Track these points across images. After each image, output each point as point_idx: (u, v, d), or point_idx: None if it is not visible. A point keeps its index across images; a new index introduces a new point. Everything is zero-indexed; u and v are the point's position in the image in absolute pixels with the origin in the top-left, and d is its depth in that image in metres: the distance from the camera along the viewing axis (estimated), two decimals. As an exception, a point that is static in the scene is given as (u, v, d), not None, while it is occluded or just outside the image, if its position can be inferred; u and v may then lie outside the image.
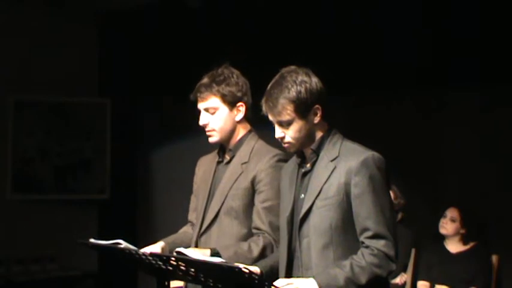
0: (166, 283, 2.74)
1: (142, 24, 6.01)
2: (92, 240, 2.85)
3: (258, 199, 2.95)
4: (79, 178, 6.20)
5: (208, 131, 3.05)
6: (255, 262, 2.79)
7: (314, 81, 2.63)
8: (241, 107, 3.03)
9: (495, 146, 4.96)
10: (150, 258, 2.61)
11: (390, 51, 5.03)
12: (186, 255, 2.54)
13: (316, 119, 2.63)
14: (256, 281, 2.35)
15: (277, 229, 2.86)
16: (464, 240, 4.73)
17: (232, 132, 3.05)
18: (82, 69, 6.20)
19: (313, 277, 2.49)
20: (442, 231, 4.74)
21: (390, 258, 2.51)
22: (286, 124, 2.61)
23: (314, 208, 2.59)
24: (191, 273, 2.55)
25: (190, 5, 5.49)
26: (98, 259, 5.99)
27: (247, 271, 2.27)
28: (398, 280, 4.71)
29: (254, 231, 2.95)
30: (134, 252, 2.70)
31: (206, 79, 3.03)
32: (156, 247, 2.94)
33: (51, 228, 6.00)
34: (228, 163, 3.06)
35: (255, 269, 2.65)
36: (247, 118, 3.07)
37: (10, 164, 5.96)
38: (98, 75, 6.32)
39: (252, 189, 2.96)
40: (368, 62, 5.11)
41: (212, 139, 3.06)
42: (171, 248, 3.00)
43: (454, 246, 4.73)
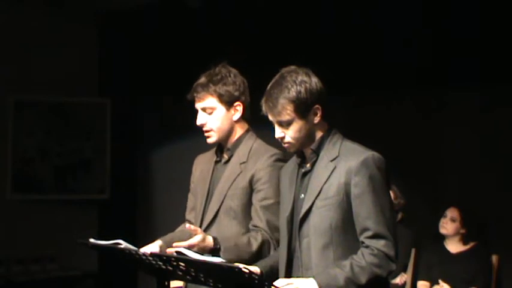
0: (166, 283, 2.74)
1: (142, 24, 6.01)
2: (92, 240, 2.85)
3: (256, 198, 2.95)
4: (79, 178, 6.20)
5: (205, 131, 3.04)
6: (253, 256, 2.79)
7: (314, 81, 2.63)
8: (238, 107, 3.02)
9: (495, 146, 4.96)
10: (150, 258, 2.61)
11: (390, 51, 5.03)
12: (186, 255, 2.54)
13: (316, 119, 2.63)
14: (256, 281, 2.35)
15: (274, 228, 2.87)
16: (464, 240, 4.73)
17: (230, 131, 3.04)
18: (82, 69, 6.20)
19: (313, 277, 2.49)
20: (442, 231, 4.74)
21: (390, 258, 2.51)
22: (286, 124, 2.61)
23: (314, 208, 2.59)
24: (191, 273, 2.55)
25: (190, 5, 5.49)
26: (98, 259, 5.99)
27: (247, 271, 2.27)
28: (398, 280, 4.71)
29: (252, 228, 2.95)
30: (134, 252, 2.70)
31: (203, 79, 3.02)
32: (155, 246, 2.94)
33: (51, 228, 6.00)
34: (226, 163, 3.06)
35: (255, 269, 2.65)
36: (245, 117, 3.07)
37: (10, 164, 5.96)
38: (98, 75, 6.32)
39: (250, 188, 2.96)
40: (368, 62, 5.11)
41: (210, 139, 3.05)
42: (169, 246, 3.00)
43: (454, 246, 4.74)
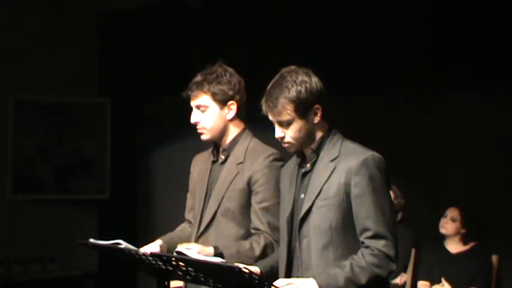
0: (166, 283, 2.74)
1: (142, 24, 6.01)
2: (92, 240, 2.85)
3: (255, 200, 2.95)
4: (79, 178, 6.19)
5: (199, 129, 3.05)
6: (257, 261, 2.79)
7: (314, 81, 2.63)
8: (232, 106, 3.02)
9: (495, 146, 4.96)
10: (150, 258, 2.61)
11: (390, 51, 5.04)
12: (186, 255, 2.54)
13: (316, 119, 2.63)
14: (256, 281, 2.35)
15: (275, 229, 2.87)
16: (464, 240, 4.73)
17: (223, 130, 3.04)
18: (82, 69, 6.20)
19: (313, 277, 2.48)
20: (443, 231, 4.74)
21: (390, 258, 2.51)
22: (286, 124, 2.61)
23: (314, 208, 2.59)
24: (191, 273, 2.54)
25: (190, 5, 5.49)
26: (98, 259, 5.98)
27: (247, 271, 2.27)
28: (398, 280, 4.71)
29: (253, 231, 2.95)
30: (134, 252, 2.70)
31: (199, 77, 3.03)
32: (155, 246, 2.94)
33: (51, 228, 5.99)
34: (223, 163, 3.06)
35: (255, 269, 2.65)
36: (240, 116, 3.07)
37: (10, 164, 5.96)
38: (98, 75, 6.31)
39: (248, 189, 2.96)
40: (368, 62, 5.11)
41: (203, 137, 3.06)
42: (170, 246, 3.01)
43: (454, 246, 4.73)
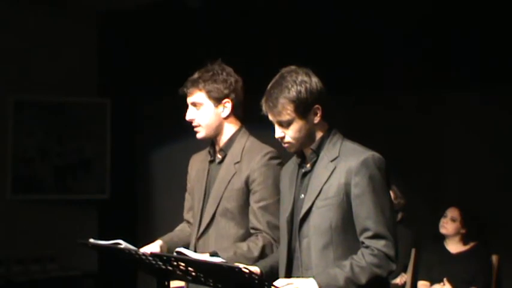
0: (166, 283, 2.74)
1: (142, 24, 6.01)
2: (92, 240, 2.85)
3: (253, 199, 2.95)
4: (79, 178, 6.20)
5: (194, 126, 3.06)
6: (256, 262, 2.79)
7: (314, 81, 2.63)
8: (227, 104, 3.02)
9: (495, 146, 4.96)
10: (150, 258, 2.61)
11: (390, 51, 5.03)
12: (186, 255, 2.54)
13: (316, 119, 2.63)
14: (256, 281, 2.35)
15: (274, 228, 2.87)
16: (464, 240, 4.73)
17: (218, 128, 3.05)
18: (82, 69, 6.20)
19: (313, 277, 2.48)
20: (443, 231, 4.74)
21: (390, 258, 2.51)
22: (286, 124, 2.61)
23: (314, 208, 2.59)
24: (191, 273, 2.54)
25: (190, 5, 5.49)
26: (98, 259, 5.99)
27: (247, 271, 2.27)
28: (398, 280, 4.71)
29: (252, 231, 2.95)
30: (134, 252, 2.70)
31: (195, 74, 3.05)
32: (155, 246, 2.95)
33: (51, 228, 6.00)
34: (221, 163, 3.06)
35: (255, 269, 2.65)
36: (237, 115, 3.07)
37: (10, 164, 5.96)
38: (98, 75, 6.32)
39: (247, 189, 2.96)
40: (368, 62, 5.11)
41: (199, 134, 3.06)
42: (169, 246, 3.01)
43: (454, 246, 4.73)
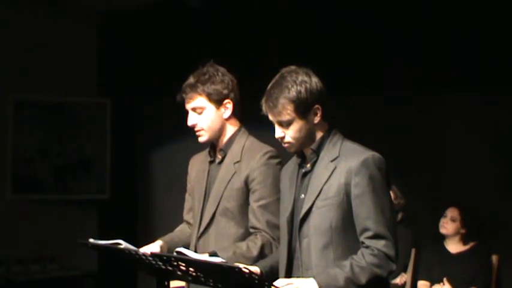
0: (166, 283, 2.74)
1: (142, 24, 6.01)
2: (92, 240, 2.85)
3: (253, 198, 2.95)
4: (79, 178, 6.20)
5: (197, 131, 3.05)
6: (255, 261, 2.79)
7: (314, 81, 2.63)
8: (228, 104, 3.03)
9: (495, 146, 4.96)
10: (150, 258, 2.61)
11: (390, 51, 5.03)
12: (186, 255, 2.54)
13: (316, 119, 2.63)
14: (256, 281, 2.35)
15: (274, 227, 2.87)
16: (464, 240, 4.73)
17: (221, 130, 3.05)
18: (82, 69, 6.20)
19: (313, 277, 2.48)
20: (443, 230, 4.74)
21: (390, 258, 2.51)
22: (286, 124, 2.61)
23: (314, 208, 2.59)
24: (191, 273, 2.55)
25: (190, 5, 5.49)
26: (98, 259, 5.99)
27: (247, 271, 2.27)
28: (398, 280, 4.71)
29: (251, 230, 2.95)
30: (134, 252, 2.70)
31: (191, 79, 3.03)
32: (155, 246, 2.95)
33: (51, 228, 6.00)
34: (220, 163, 3.06)
35: (255, 269, 2.65)
36: (235, 115, 3.07)
37: (10, 164, 5.97)
38: (98, 75, 6.32)
39: (246, 188, 2.96)
40: (368, 62, 5.11)
41: (202, 139, 3.06)
42: (170, 246, 3.01)
43: (454, 246, 4.73)
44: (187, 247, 2.90)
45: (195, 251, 2.96)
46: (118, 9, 6.03)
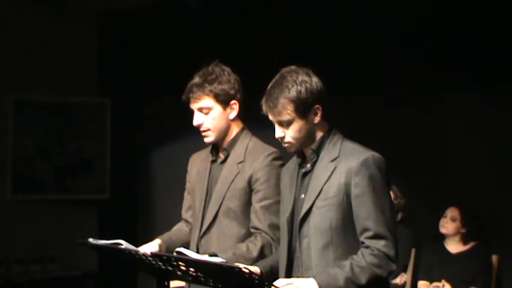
0: (166, 283, 2.74)
1: (142, 24, 6.01)
2: (92, 240, 2.85)
3: (256, 198, 2.94)
4: (79, 178, 6.20)
5: (203, 131, 3.03)
6: (255, 262, 2.78)
7: (314, 81, 2.63)
8: (234, 105, 3.02)
9: (495, 146, 4.96)
10: (150, 258, 2.61)
11: (390, 51, 5.03)
12: (186, 255, 2.54)
13: (316, 119, 2.63)
14: (256, 281, 2.35)
15: (275, 228, 2.87)
16: (464, 240, 4.73)
17: (226, 130, 3.04)
18: (82, 69, 6.20)
19: (313, 277, 2.49)
20: (443, 230, 4.74)
21: (390, 258, 2.51)
22: (286, 124, 2.61)
23: (314, 208, 2.59)
24: (191, 273, 2.55)
25: (190, 5, 5.49)
26: (98, 259, 5.99)
27: (247, 271, 2.27)
28: (398, 280, 4.71)
29: (252, 230, 2.94)
30: (134, 252, 2.70)
31: (197, 79, 3.00)
32: (154, 245, 2.94)
33: (51, 228, 6.00)
34: (223, 162, 3.05)
35: (255, 269, 2.65)
36: (240, 116, 3.06)
37: (10, 164, 5.96)
38: (98, 75, 6.32)
39: (249, 188, 2.96)
40: (368, 62, 5.11)
41: (208, 139, 3.04)
42: (168, 245, 3.00)
43: (454, 246, 4.73)
44: (186, 247, 2.91)
45: (197, 251, 2.96)
46: (118, 9, 6.03)
